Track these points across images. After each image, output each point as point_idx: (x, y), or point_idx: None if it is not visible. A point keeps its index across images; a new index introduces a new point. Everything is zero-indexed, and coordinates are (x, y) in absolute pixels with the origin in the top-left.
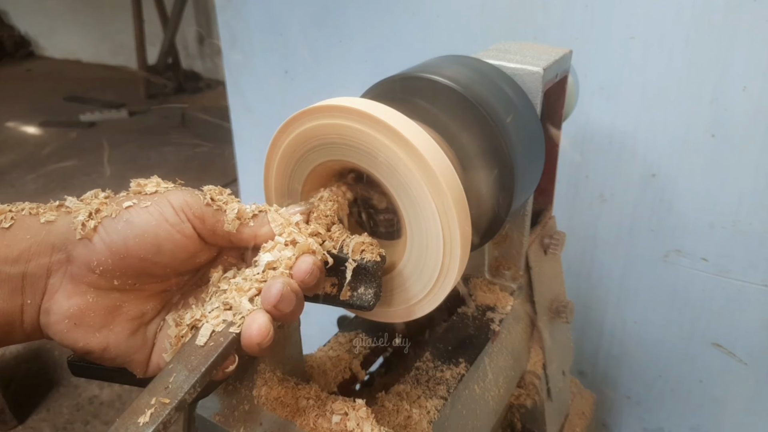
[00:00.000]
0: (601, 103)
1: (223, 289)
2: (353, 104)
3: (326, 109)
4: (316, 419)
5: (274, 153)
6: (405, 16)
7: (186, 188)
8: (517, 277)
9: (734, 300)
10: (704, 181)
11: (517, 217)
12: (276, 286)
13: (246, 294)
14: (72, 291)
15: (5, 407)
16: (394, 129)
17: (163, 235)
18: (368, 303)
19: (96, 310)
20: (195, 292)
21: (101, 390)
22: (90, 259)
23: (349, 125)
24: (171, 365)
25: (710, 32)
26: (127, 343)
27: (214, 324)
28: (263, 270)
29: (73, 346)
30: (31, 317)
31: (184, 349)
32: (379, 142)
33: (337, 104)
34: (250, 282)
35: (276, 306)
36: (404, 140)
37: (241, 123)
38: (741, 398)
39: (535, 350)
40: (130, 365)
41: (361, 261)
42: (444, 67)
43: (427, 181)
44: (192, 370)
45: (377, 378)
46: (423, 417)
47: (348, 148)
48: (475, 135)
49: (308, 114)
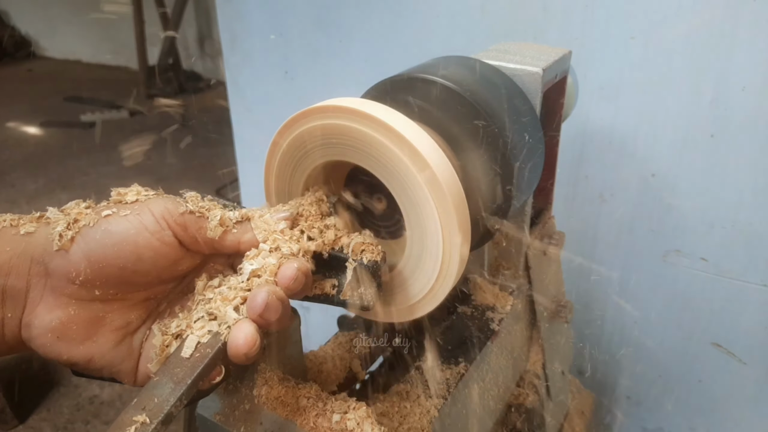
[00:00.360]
0: (601, 103)
1: (208, 298)
2: (353, 104)
3: (326, 110)
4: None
5: (274, 153)
6: (405, 16)
7: (167, 196)
8: (516, 277)
9: (734, 300)
10: (704, 181)
11: (516, 216)
12: (261, 295)
13: (231, 303)
14: (53, 304)
15: (5, 407)
16: (394, 129)
17: (142, 243)
18: (368, 303)
19: (78, 322)
20: (182, 299)
21: (101, 390)
22: (68, 270)
23: (350, 125)
24: (157, 377)
25: (710, 32)
26: (113, 353)
27: (199, 335)
28: (248, 278)
29: (57, 359)
30: (12, 331)
31: (170, 360)
32: (379, 143)
33: (337, 104)
34: (234, 291)
35: (262, 315)
36: (404, 140)
37: (241, 123)
38: (741, 398)
39: (534, 350)
40: (118, 375)
41: (361, 261)
42: (444, 67)
43: (426, 181)
44: (178, 383)
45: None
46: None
47: (348, 148)
48: (474, 135)
49: (308, 114)
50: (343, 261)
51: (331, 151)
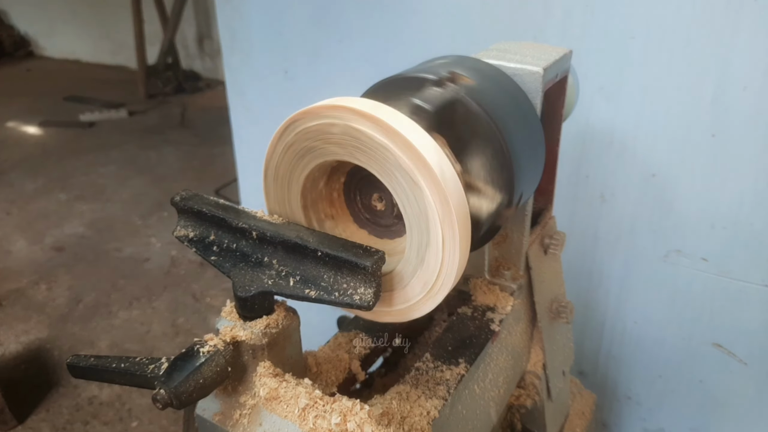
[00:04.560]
0: (601, 103)
1: None
2: (353, 104)
3: (326, 109)
4: (316, 419)
5: (273, 152)
6: (405, 16)
7: None
8: (517, 277)
9: (734, 300)
10: (704, 181)
11: (517, 217)
12: None
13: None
14: None
15: (5, 407)
16: (394, 129)
17: None
18: (368, 303)
19: None
20: None
21: (101, 390)
22: None
23: (350, 125)
24: None
25: (710, 32)
26: None
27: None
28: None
29: None
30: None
31: None
32: (380, 142)
33: (337, 104)
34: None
35: None
36: (404, 140)
37: (241, 123)
38: (741, 398)
39: (535, 350)
40: None
41: (361, 261)
42: (444, 67)
43: (426, 181)
44: None
45: (377, 378)
46: (423, 417)
47: (348, 147)
48: (475, 135)
49: (308, 114)
50: (343, 261)
51: (330, 150)
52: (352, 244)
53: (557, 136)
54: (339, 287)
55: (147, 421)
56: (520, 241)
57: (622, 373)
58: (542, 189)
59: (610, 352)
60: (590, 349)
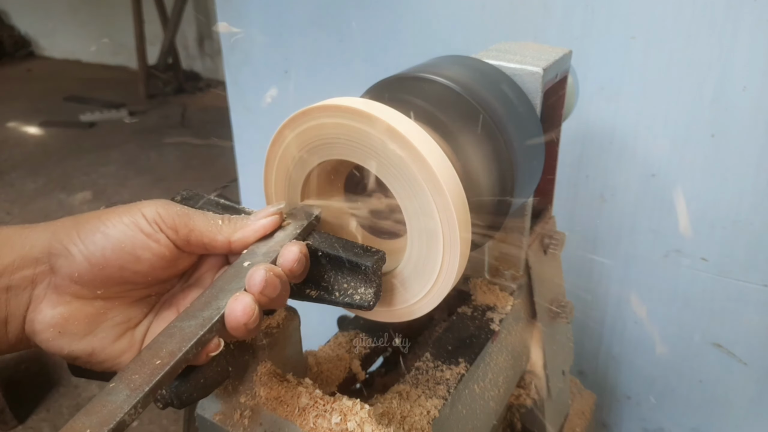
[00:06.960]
0: (601, 103)
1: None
2: (353, 104)
3: (326, 109)
4: (316, 419)
5: (274, 152)
6: (405, 16)
7: (159, 200)
8: (517, 277)
9: (734, 300)
10: (704, 181)
11: (517, 217)
12: (259, 273)
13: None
14: (56, 301)
15: (5, 407)
16: (394, 129)
17: (139, 245)
18: (368, 303)
19: (80, 318)
20: (184, 294)
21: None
22: (71, 270)
23: (350, 125)
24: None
25: (710, 32)
26: (113, 347)
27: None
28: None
29: (59, 353)
30: (16, 327)
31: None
32: (379, 142)
33: (337, 104)
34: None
35: (262, 292)
36: (404, 140)
37: (241, 123)
38: (741, 398)
39: (535, 350)
40: (119, 368)
41: (361, 260)
42: (444, 67)
43: (427, 180)
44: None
45: (377, 378)
46: (423, 417)
47: (348, 147)
48: (475, 135)
49: (308, 114)
50: (343, 260)
51: (331, 150)
52: (353, 244)
53: (557, 137)
54: (339, 287)
55: (147, 420)
56: (520, 241)
57: (622, 373)
58: (542, 189)
59: (610, 352)
60: (590, 349)
